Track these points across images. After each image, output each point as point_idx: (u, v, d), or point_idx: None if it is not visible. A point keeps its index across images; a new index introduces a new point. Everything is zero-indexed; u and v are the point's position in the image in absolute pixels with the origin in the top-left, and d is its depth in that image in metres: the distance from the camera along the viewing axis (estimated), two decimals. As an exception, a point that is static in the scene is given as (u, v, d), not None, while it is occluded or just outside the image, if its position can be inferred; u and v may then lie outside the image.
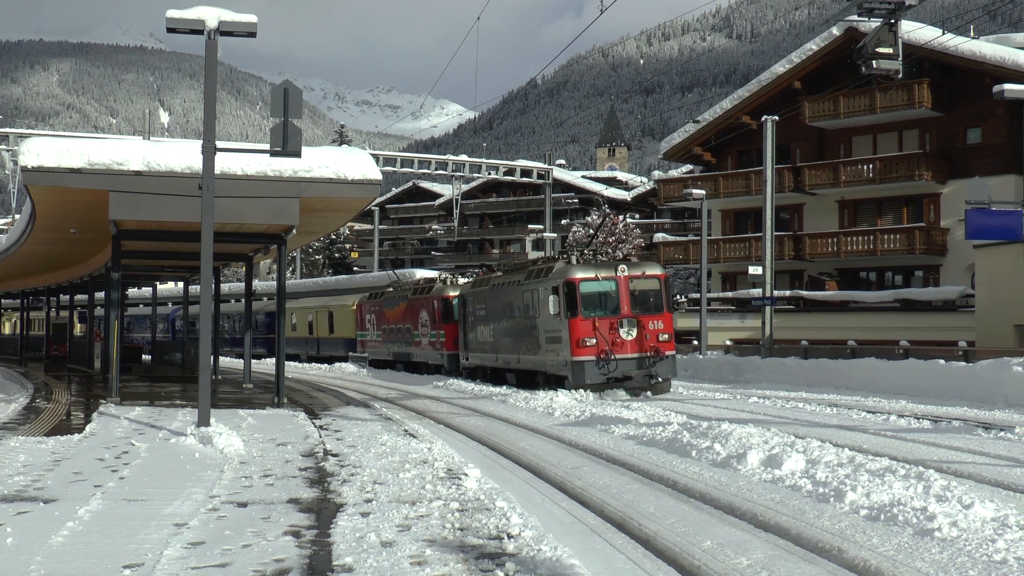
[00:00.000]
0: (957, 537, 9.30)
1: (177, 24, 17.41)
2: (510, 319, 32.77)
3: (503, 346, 33.57)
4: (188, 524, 9.89)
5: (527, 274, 32.00)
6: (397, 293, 46.34)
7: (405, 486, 12.18)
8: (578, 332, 28.06)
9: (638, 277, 28.81)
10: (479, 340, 36.01)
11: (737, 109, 55.13)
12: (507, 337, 33.08)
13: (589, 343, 27.86)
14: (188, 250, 27.79)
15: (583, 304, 28.19)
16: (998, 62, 45.03)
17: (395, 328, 45.65)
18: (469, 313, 37.07)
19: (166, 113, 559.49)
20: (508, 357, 33.29)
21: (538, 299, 30.19)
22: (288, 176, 22.09)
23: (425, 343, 42.05)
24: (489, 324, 34.79)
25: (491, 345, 34.77)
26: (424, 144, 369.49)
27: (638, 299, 28.70)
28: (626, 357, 28.13)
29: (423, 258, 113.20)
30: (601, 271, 28.75)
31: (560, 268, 29.44)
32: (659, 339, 28.52)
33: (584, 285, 28.41)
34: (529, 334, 31.09)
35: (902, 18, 17.10)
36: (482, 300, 35.70)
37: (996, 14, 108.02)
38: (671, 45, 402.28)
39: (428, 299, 41.62)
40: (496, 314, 34.13)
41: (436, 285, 42.40)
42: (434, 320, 40.81)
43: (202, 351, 18.01)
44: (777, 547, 9.67)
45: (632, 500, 12.35)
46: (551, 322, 29.17)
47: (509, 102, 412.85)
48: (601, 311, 28.40)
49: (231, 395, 27.64)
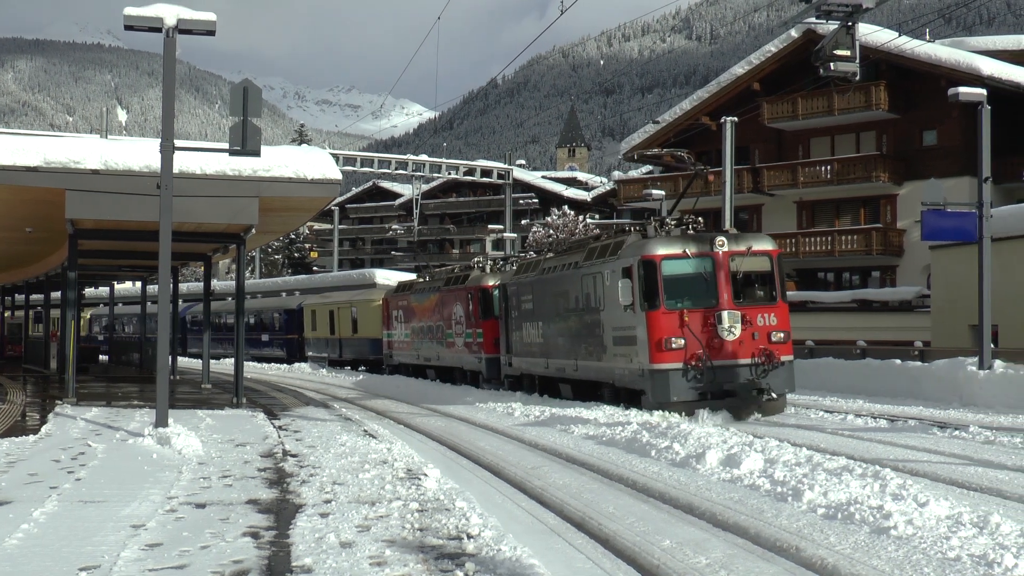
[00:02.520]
0: (913, 535, 9.39)
1: (135, 22, 17.27)
2: (565, 313, 26.23)
3: (555, 348, 26.95)
4: (146, 525, 9.82)
5: (587, 253, 25.25)
6: (428, 284, 39.57)
7: (365, 486, 12.15)
8: (660, 330, 21.37)
9: (742, 254, 21.98)
10: (525, 341, 29.28)
11: (697, 110, 55.39)
12: (561, 337, 26.50)
13: (675, 345, 21.23)
14: (146, 249, 27.61)
15: (667, 291, 21.52)
16: (953, 65, 45.51)
17: (425, 327, 38.59)
18: (513, 306, 30.20)
19: (124, 111, 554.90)
20: (562, 363, 26.57)
21: (602, 285, 23.69)
22: (247, 175, 21.99)
23: (459, 344, 34.89)
24: (538, 320, 28.16)
25: (540, 347, 28.11)
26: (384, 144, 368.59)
27: (742, 284, 22.15)
28: (727, 364, 21.41)
29: (383, 258, 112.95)
30: (691, 245, 21.84)
31: (634, 242, 22.72)
32: (771, 339, 21.87)
33: (668, 265, 21.63)
34: (590, 333, 24.54)
35: (859, 21, 17.25)
36: (528, 290, 28.85)
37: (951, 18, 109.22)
38: (631, 46, 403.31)
39: (462, 291, 34.67)
40: (547, 307, 27.50)
41: (472, 273, 35.18)
42: (470, 316, 33.81)
43: (160, 351, 17.89)
44: (736, 546, 9.73)
45: (592, 500, 12.38)
46: (621, 316, 22.69)
47: (470, 102, 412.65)
48: (692, 300, 21.67)
49: (189, 395, 27.46)
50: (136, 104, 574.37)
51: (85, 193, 21.73)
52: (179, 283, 35.72)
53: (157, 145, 18.40)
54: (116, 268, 40.57)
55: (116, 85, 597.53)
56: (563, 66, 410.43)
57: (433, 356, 37.54)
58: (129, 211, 22.48)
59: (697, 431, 16.32)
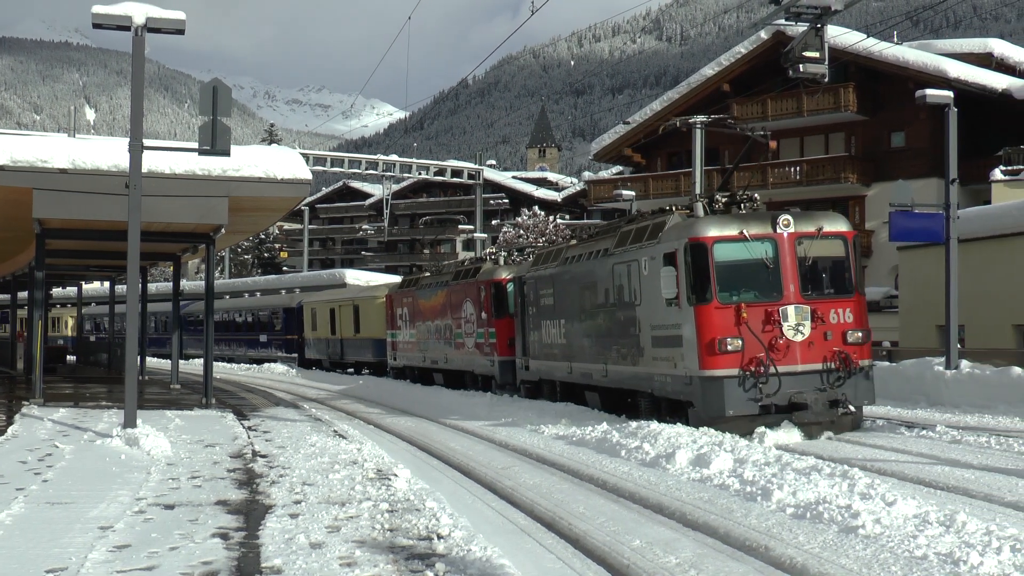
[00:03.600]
0: (880, 534, 9.45)
1: (103, 20, 17.18)
2: (592, 309, 22.77)
3: (581, 351, 23.39)
4: (114, 527, 9.77)
5: (619, 238, 21.59)
6: (434, 279, 35.72)
7: (335, 487, 12.12)
8: (712, 328, 17.59)
9: (811, 235, 18.26)
10: (544, 342, 25.67)
11: (667, 111, 55.52)
12: (587, 337, 23.04)
13: (731, 347, 17.39)
14: (115, 249, 27.41)
15: (720, 281, 17.79)
16: (920, 68, 45.91)
17: (431, 326, 34.91)
18: (530, 302, 26.61)
19: (92, 110, 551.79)
20: (588, 368, 22.99)
21: (639, 276, 20.04)
22: (217, 175, 21.89)
23: (469, 346, 31.31)
24: (559, 318, 24.66)
25: (562, 349, 24.56)
26: (355, 144, 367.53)
27: (812, 272, 18.36)
28: (796, 371, 17.65)
29: (353, 258, 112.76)
30: (750, 225, 18.10)
31: (678, 223, 19.12)
32: (847, 339, 18.05)
33: (722, 249, 17.88)
34: (624, 332, 20.92)
35: (828, 23, 17.36)
36: (548, 283, 25.37)
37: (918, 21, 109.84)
38: (602, 47, 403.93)
39: (472, 285, 31.07)
40: (570, 302, 24.03)
41: (484, 265, 31.45)
42: (481, 314, 30.31)
43: (128, 351, 17.80)
44: (705, 545, 9.77)
45: (562, 500, 12.41)
46: (663, 312, 18.92)
47: (440, 102, 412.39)
48: (751, 293, 17.98)
49: (158, 396, 27.30)
50: (104, 103, 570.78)
51: (53, 192, 21.56)
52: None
53: (126, 144, 18.30)
54: (84, 268, 40.27)
55: (84, 84, 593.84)
56: (534, 66, 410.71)
57: (440, 358, 34.11)
58: (98, 210, 22.32)
59: (667, 431, 16.37)
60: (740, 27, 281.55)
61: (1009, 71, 48.68)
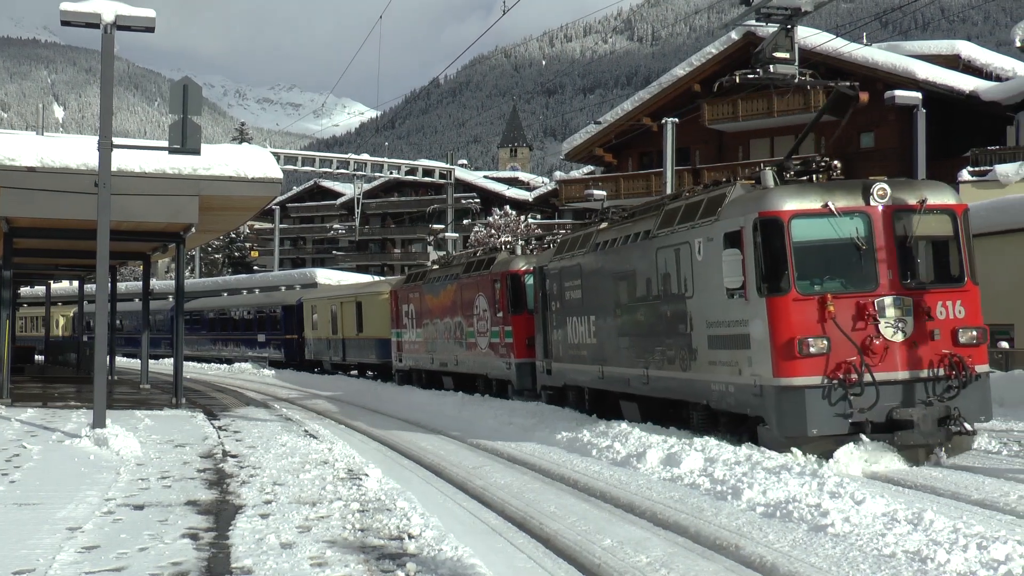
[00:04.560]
0: (849, 532, 9.51)
1: (72, 17, 17.07)
2: (630, 303, 19.28)
3: (614, 353, 19.97)
4: (82, 528, 9.71)
5: (664, 217, 18.13)
6: (444, 271, 32.26)
7: (305, 487, 12.10)
8: (790, 325, 14.17)
9: (912, 210, 14.84)
10: (570, 342, 22.37)
11: (638, 111, 55.68)
12: (623, 337, 19.62)
13: (814, 348, 14.00)
14: (84, 248, 27.23)
15: (800, 266, 14.39)
16: (889, 69, 46.21)
17: (440, 324, 31.62)
18: (553, 296, 23.31)
19: (61, 108, 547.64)
20: (624, 372, 19.48)
21: (691, 261, 16.62)
22: (187, 174, 21.80)
23: (483, 346, 28.11)
24: (588, 314, 21.25)
25: (592, 350, 21.10)
26: (326, 143, 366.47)
27: (915, 256, 14.95)
28: (895, 379, 14.30)
29: (324, 257, 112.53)
30: (836, 195, 14.65)
31: (743, 196, 15.69)
32: (959, 339, 14.63)
33: (802, 226, 14.50)
34: (670, 331, 17.46)
35: (798, 24, 17.44)
36: (575, 273, 21.99)
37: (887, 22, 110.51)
38: (573, 47, 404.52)
39: (486, 278, 27.87)
40: (602, 296, 20.48)
41: (499, 256, 28.17)
42: (496, 310, 27.15)
43: (98, 351, 17.69)
44: (676, 544, 9.81)
45: (533, 499, 12.42)
46: (723, 306, 15.56)
47: (412, 101, 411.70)
48: (838, 281, 14.56)
49: (128, 396, 27.17)
50: (74, 101, 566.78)
51: (21, 191, 21.42)
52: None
53: (95, 143, 18.20)
54: (53, 267, 40.02)
55: (53, 82, 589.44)
56: (505, 66, 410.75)
57: (450, 360, 30.75)
58: (66, 209, 22.19)
59: (637, 431, 16.40)
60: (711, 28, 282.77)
61: (976, 73, 49.05)
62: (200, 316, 59.25)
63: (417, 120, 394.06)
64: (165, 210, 23.20)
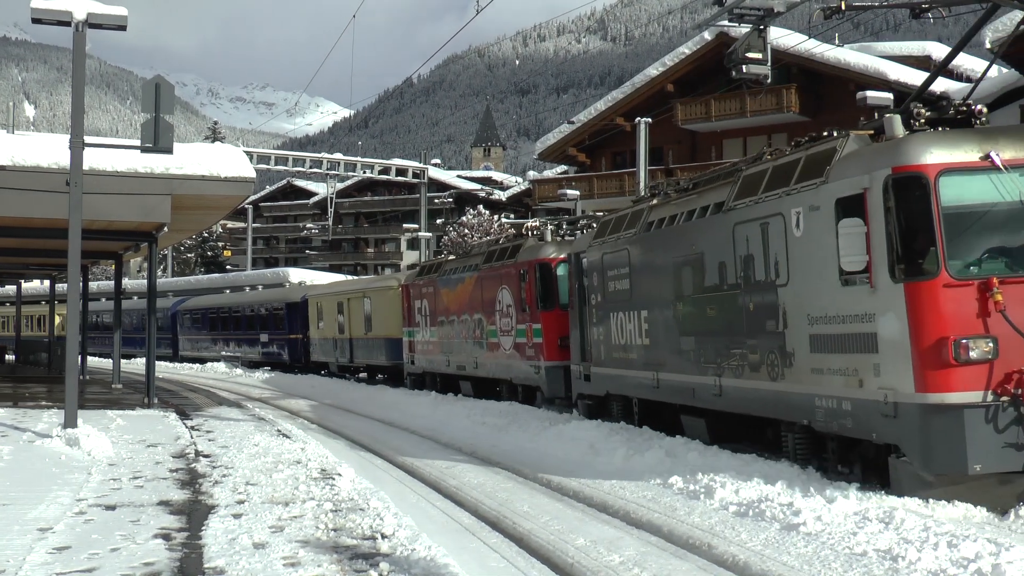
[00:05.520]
0: (821, 531, 9.57)
1: (43, 15, 16.97)
2: (697, 297, 15.51)
3: (675, 356, 16.24)
4: (53, 528, 9.66)
5: (743, 185, 14.76)
6: (461, 262, 28.74)
7: (278, 487, 12.07)
8: (940, 320, 10.74)
9: None
10: (615, 342, 18.53)
11: (611, 111, 55.73)
12: (687, 337, 15.85)
13: (975, 353, 10.54)
14: (55, 247, 27.09)
15: (953, 238, 10.89)
16: (861, 70, 46.42)
17: (457, 322, 28.07)
18: (593, 288, 19.59)
19: (32, 107, 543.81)
20: (689, 382, 15.82)
21: (784, 238, 13.18)
22: (160, 173, 21.72)
23: (506, 347, 24.75)
24: (640, 308, 17.47)
25: (645, 353, 17.34)
26: (299, 142, 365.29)
27: None
28: None
29: (297, 257, 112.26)
30: (1002, 144, 11.09)
31: (861, 149, 12.39)
32: None
33: (953, 183, 10.95)
34: (753, 328, 13.93)
35: (771, 24, 17.52)
36: (622, 259, 18.19)
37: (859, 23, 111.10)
38: (547, 46, 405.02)
39: (511, 269, 24.52)
40: (658, 285, 16.77)
41: (526, 242, 24.68)
42: (522, 305, 23.76)
43: (69, 350, 17.59)
44: (649, 544, 9.85)
45: (506, 499, 12.44)
46: (834, 294, 12.13)
47: (385, 101, 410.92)
48: (1005, 260, 10.96)
49: (100, 396, 27.03)
50: (45, 100, 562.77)
51: (-9, 190, 21.28)
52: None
53: (66, 141, 18.10)
54: (24, 266, 39.77)
55: (24, 80, 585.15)
56: (479, 65, 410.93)
57: (469, 363, 27.25)
58: (37, 208, 22.05)
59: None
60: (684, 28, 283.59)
61: (947, 74, 49.33)
62: (202, 315, 55.51)
63: (390, 119, 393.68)
64: (137, 209, 23.10)
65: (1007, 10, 16.18)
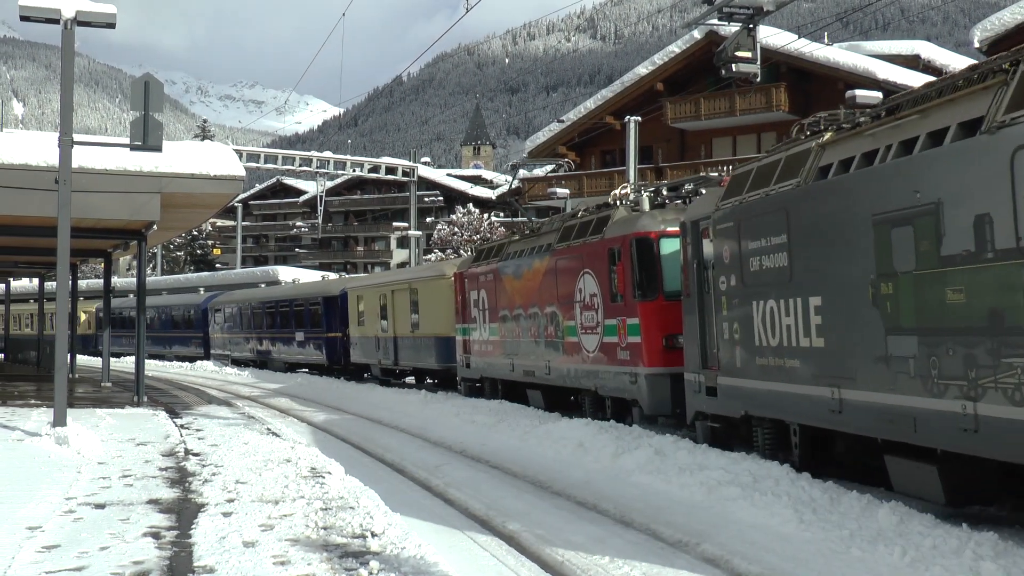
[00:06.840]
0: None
1: (31, 12, 16.93)
2: (927, 271, 9.77)
3: (875, 367, 10.66)
4: (42, 527, 9.64)
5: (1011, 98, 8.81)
6: (529, 242, 23.34)
7: (268, 485, 12.06)
8: None
9: None
10: (760, 344, 13.27)
11: (601, 109, 55.78)
12: (903, 335, 10.17)
13: None
14: (44, 245, 27.03)
15: None
16: (850, 69, 46.51)
17: (524, 317, 23.05)
18: (724, 266, 14.38)
19: (21, 105, 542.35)
20: (910, 407, 10.05)
21: None
22: (149, 171, 21.66)
23: (589, 347, 19.62)
24: (807, 295, 12.11)
25: (817, 360, 11.90)
26: (289, 140, 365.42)
27: None
28: None
29: (287, 255, 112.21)
30: None
31: None
32: None
33: None
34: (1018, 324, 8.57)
35: (760, 23, 17.56)
36: (774, 226, 12.86)
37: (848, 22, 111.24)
38: (536, 45, 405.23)
39: (597, 247, 19.37)
40: (839, 261, 11.41)
41: (616, 213, 19.48)
42: (613, 294, 18.58)
43: (58, 349, 17.55)
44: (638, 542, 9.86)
45: (496, 497, 12.44)
46: None
47: (375, 99, 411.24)
48: None
49: (89, 394, 26.97)
50: (33, 98, 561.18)
51: (-20, 188, 21.22)
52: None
53: (55, 139, 18.06)
54: (12, 264, 39.65)
55: (12, 78, 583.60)
56: (468, 64, 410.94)
57: (539, 367, 22.08)
58: (26, 206, 21.99)
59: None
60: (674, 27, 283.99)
61: (935, 73, 49.45)
62: (236, 309, 49.94)
63: (380, 117, 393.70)
64: (127, 207, 23.05)
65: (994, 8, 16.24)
